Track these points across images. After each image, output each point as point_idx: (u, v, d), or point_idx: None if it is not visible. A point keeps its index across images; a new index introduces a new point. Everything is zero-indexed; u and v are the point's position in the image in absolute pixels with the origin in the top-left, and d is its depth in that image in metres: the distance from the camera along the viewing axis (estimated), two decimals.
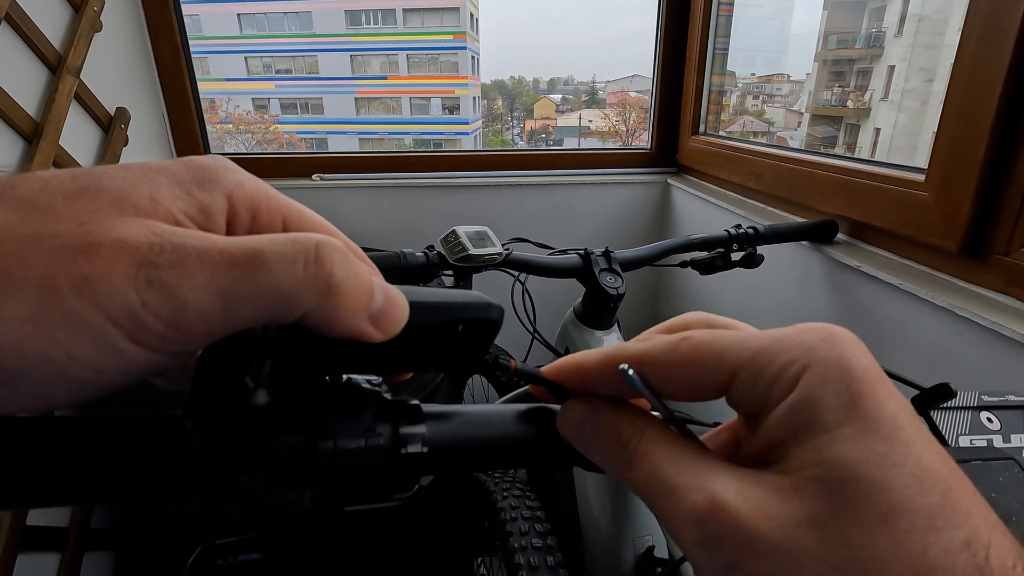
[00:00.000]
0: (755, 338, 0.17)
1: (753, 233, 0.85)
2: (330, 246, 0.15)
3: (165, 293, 0.13)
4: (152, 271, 0.13)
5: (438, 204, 1.47)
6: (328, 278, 0.15)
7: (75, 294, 0.13)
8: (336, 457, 0.17)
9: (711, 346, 0.17)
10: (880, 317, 0.78)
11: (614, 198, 1.50)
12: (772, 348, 0.16)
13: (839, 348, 0.16)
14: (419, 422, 0.19)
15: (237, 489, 0.16)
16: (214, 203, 0.16)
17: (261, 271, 0.14)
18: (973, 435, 0.26)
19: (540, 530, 0.72)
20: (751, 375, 0.16)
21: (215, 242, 0.14)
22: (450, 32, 27.91)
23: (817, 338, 0.16)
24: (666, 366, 0.17)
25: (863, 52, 9.94)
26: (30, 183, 0.14)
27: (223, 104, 28.84)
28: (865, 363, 0.15)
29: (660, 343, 0.18)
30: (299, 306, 0.15)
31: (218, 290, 0.14)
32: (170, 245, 0.14)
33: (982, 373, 0.63)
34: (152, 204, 0.15)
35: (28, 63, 0.96)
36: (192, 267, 0.14)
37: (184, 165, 0.16)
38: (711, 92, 1.41)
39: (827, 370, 0.15)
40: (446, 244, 0.69)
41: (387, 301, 0.17)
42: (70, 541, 1.01)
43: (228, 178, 0.17)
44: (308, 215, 0.19)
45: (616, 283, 0.77)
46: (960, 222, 0.68)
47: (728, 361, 0.17)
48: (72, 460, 0.16)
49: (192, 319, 0.14)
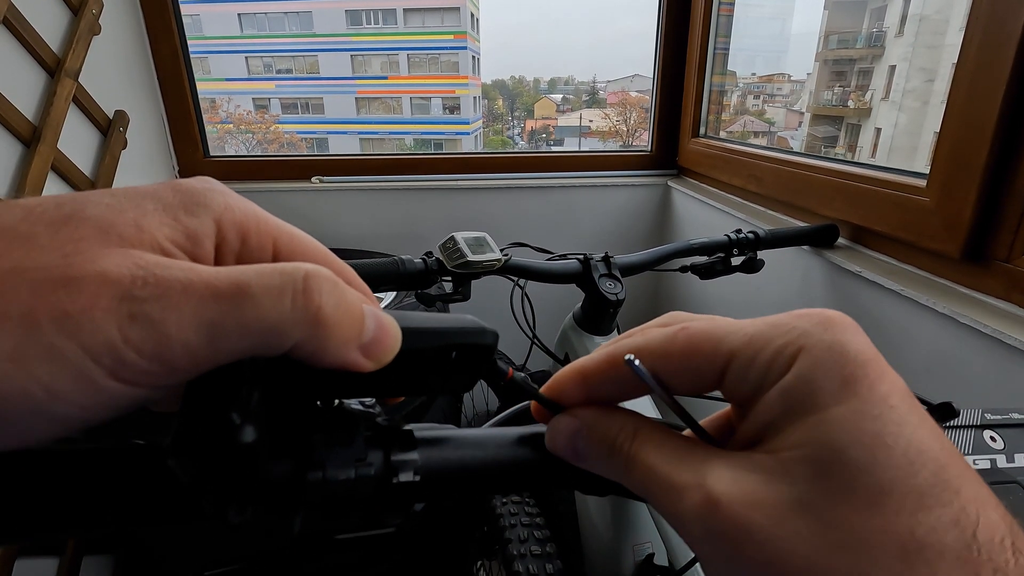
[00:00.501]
0: (750, 324, 0.17)
1: (753, 238, 0.85)
2: (319, 277, 0.15)
3: (148, 328, 0.13)
4: (135, 305, 0.13)
5: (437, 207, 1.46)
6: (316, 311, 0.15)
7: (56, 329, 0.12)
8: (326, 487, 0.17)
9: (708, 334, 0.17)
10: (880, 323, 0.77)
11: (614, 200, 1.50)
12: (767, 332, 0.16)
13: (833, 331, 0.16)
14: (411, 449, 0.19)
15: (225, 521, 0.16)
16: (202, 228, 0.16)
17: (247, 304, 0.14)
18: (976, 455, 0.25)
19: (539, 537, 0.71)
20: (747, 360, 0.16)
21: (200, 274, 0.14)
22: (451, 32, 27.91)
23: (812, 322, 0.16)
24: (665, 357, 0.18)
25: (864, 52, 9.92)
26: (12, 212, 0.14)
27: (223, 104, 28.85)
28: (859, 345, 0.16)
29: (657, 335, 0.18)
30: (288, 339, 0.15)
31: (204, 323, 0.14)
32: (153, 278, 0.13)
33: (983, 381, 0.62)
34: (137, 232, 0.14)
35: (26, 66, 0.95)
36: (177, 300, 0.13)
37: (172, 189, 0.16)
38: (712, 92, 1.41)
39: (821, 352, 0.15)
40: (444, 250, 0.68)
41: (379, 329, 0.17)
42: (68, 545, 1.01)
43: (216, 201, 0.17)
44: (299, 238, 0.19)
45: (616, 288, 0.76)
46: (962, 227, 0.67)
47: (724, 347, 0.17)
48: (57, 493, 0.15)
49: (177, 353, 0.14)
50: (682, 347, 0.17)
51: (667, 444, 0.17)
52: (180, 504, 0.16)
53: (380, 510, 0.18)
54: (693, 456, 0.17)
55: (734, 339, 0.17)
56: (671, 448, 0.17)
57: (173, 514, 0.16)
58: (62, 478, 0.16)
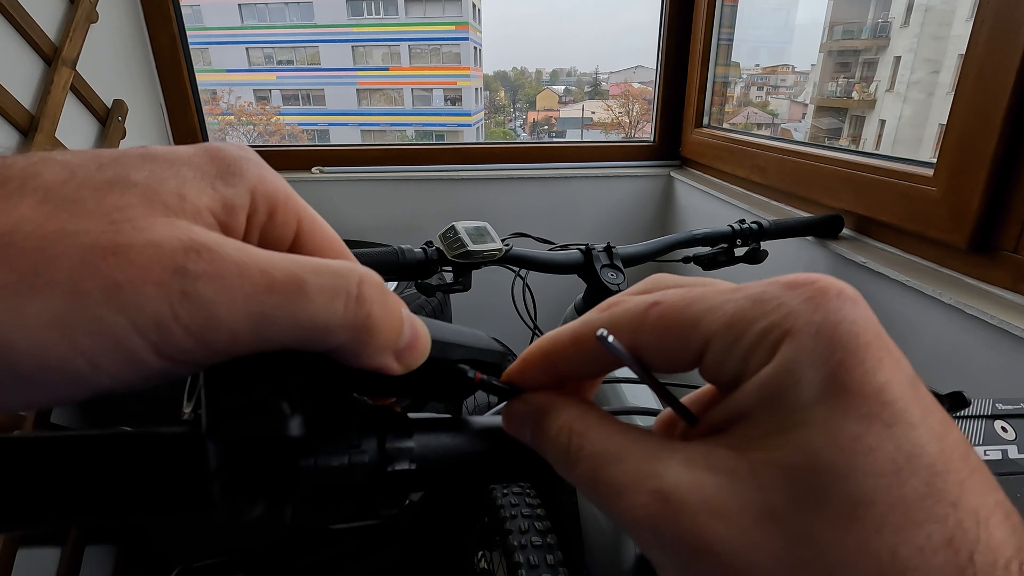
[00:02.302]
0: (731, 301, 0.15)
1: (757, 228, 0.84)
2: (371, 284, 0.15)
3: (199, 307, 0.13)
4: (188, 282, 0.12)
5: (439, 197, 1.45)
6: (366, 318, 0.15)
7: (104, 300, 0.12)
8: (318, 474, 0.16)
9: (683, 312, 0.15)
10: (886, 315, 0.77)
11: (616, 191, 1.49)
12: (749, 312, 0.14)
13: (825, 309, 0.13)
14: (407, 436, 0.18)
15: (232, 511, 0.15)
16: (237, 199, 0.15)
17: (301, 300, 0.14)
18: (987, 446, 0.25)
19: (540, 528, 0.71)
20: (726, 344, 0.14)
21: (254, 257, 0.14)
22: (452, 22, 27.76)
23: (802, 297, 0.14)
24: (634, 334, 0.16)
25: (869, 43, 9.85)
26: (55, 171, 0.13)
27: (225, 96, 28.78)
28: (855, 325, 0.13)
29: (626, 311, 0.16)
30: (334, 339, 0.15)
31: (254, 312, 0.13)
32: (208, 253, 0.13)
33: (990, 373, 0.62)
34: (180, 202, 0.14)
35: (23, 55, 0.95)
36: (231, 282, 0.13)
37: (208, 157, 0.16)
38: (715, 84, 1.39)
39: (807, 339, 0.13)
40: (445, 240, 0.68)
41: (413, 336, 0.17)
42: (70, 536, 1.01)
43: (252, 172, 0.16)
44: (320, 223, 0.19)
45: (618, 279, 0.76)
46: (969, 217, 0.66)
47: (701, 330, 0.15)
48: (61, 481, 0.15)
49: (222, 336, 0.13)
50: (653, 326, 0.15)
51: (618, 439, 0.16)
52: (185, 494, 0.16)
53: (374, 499, 0.17)
54: (647, 452, 0.15)
55: (712, 321, 0.15)
56: (623, 444, 0.15)
57: (179, 504, 0.16)
58: (65, 465, 0.15)
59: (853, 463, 0.12)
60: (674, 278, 0.18)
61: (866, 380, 0.13)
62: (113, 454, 0.16)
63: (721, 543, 0.12)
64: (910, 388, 0.13)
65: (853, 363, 0.13)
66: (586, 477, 0.15)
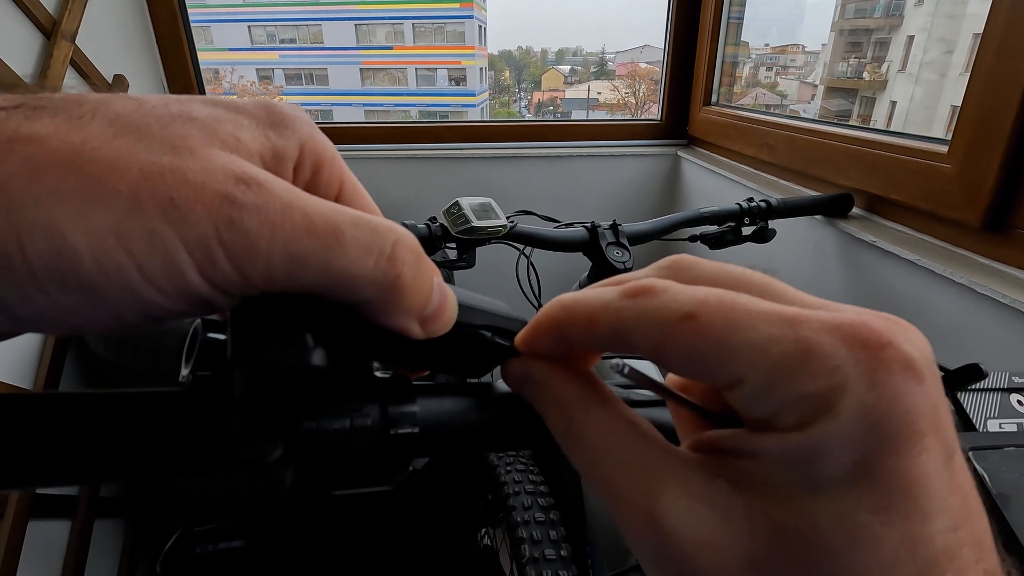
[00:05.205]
0: (776, 342, 0.13)
1: (765, 207, 0.83)
2: (406, 247, 0.15)
3: (242, 235, 0.13)
4: (235, 209, 0.13)
5: (443, 176, 1.44)
6: (396, 279, 0.15)
7: (159, 214, 0.13)
8: (319, 436, 0.16)
9: (721, 339, 0.14)
10: (896, 294, 0.76)
11: (623, 171, 1.47)
12: (796, 365, 0.13)
13: (881, 388, 0.12)
14: (410, 400, 0.18)
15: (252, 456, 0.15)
16: (287, 149, 0.16)
17: (336, 249, 0.14)
18: (1003, 418, 0.24)
19: (543, 504, 0.71)
20: (760, 390, 0.13)
21: (299, 199, 0.14)
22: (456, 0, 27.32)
23: (860, 366, 0.12)
24: (659, 343, 0.14)
25: (882, 22, 9.65)
26: (125, 103, 0.14)
27: (227, 75, 28.57)
28: (909, 415, 0.12)
29: (657, 314, 0.14)
30: (360, 294, 0.15)
31: (291, 252, 0.14)
32: (256, 185, 0.14)
33: (1002, 353, 0.61)
34: (235, 142, 0.15)
35: (21, 28, 0.93)
36: (274, 219, 0.14)
37: (264, 108, 0.17)
38: (724, 63, 1.36)
39: (851, 423, 0.12)
40: (449, 215, 0.67)
41: (441, 305, 0.17)
42: (80, 509, 1.02)
43: (303, 128, 0.17)
44: (362, 192, 0.19)
45: (623, 257, 0.75)
46: (983, 195, 0.65)
47: (737, 365, 0.13)
48: (74, 438, 0.15)
49: (258, 270, 0.14)
50: (686, 344, 0.14)
51: (622, 435, 0.15)
52: (212, 452, 0.16)
53: (377, 464, 0.17)
54: (644, 463, 0.15)
55: (750, 361, 0.13)
56: (625, 442, 0.15)
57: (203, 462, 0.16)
58: (87, 423, 0.15)
59: (852, 549, 0.12)
60: (697, 265, 0.17)
61: (897, 471, 0.12)
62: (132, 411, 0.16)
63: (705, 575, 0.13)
64: (943, 473, 0.13)
65: (890, 451, 0.12)
66: (581, 464, 0.16)
